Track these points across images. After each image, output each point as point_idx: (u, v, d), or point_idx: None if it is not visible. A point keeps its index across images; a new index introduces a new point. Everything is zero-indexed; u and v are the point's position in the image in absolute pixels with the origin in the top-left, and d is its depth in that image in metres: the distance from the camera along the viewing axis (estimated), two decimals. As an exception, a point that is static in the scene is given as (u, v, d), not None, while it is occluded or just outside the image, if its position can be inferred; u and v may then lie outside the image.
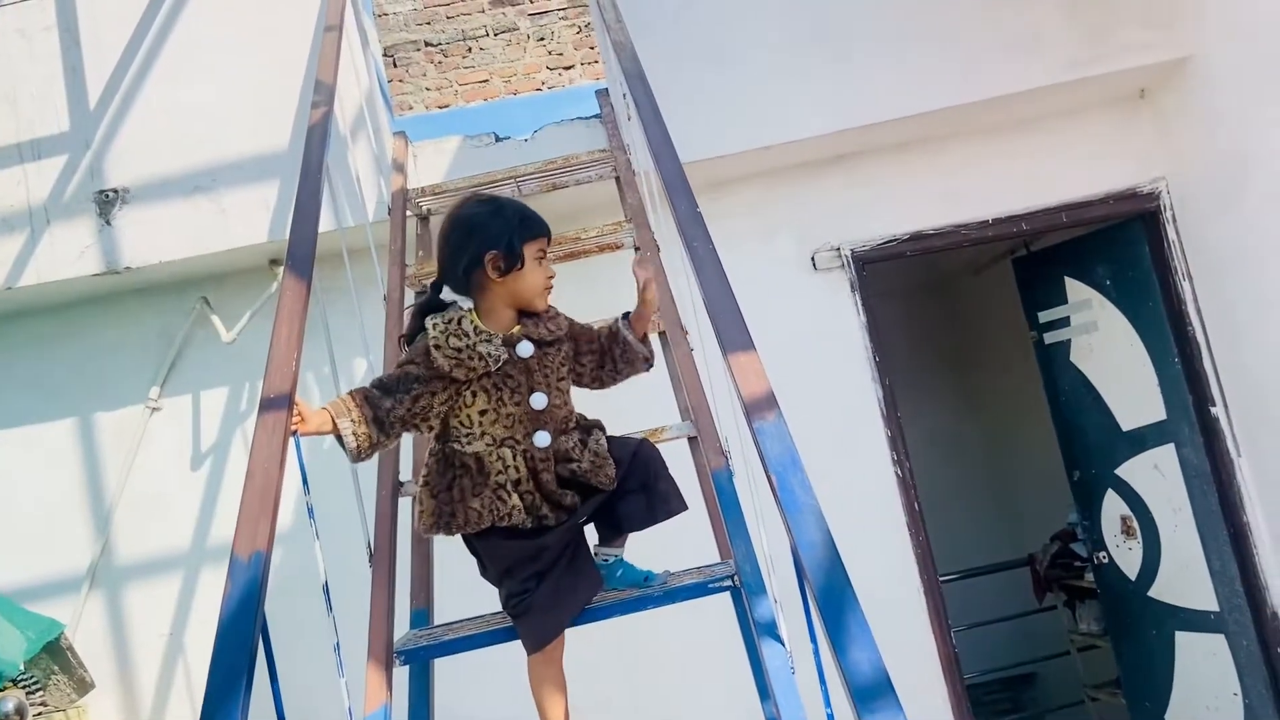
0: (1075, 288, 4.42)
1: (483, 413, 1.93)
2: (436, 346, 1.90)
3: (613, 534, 2.10)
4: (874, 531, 3.78)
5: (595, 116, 3.95)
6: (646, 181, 3.16)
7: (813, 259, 3.99)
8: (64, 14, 3.64)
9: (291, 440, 1.83)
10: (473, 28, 7.92)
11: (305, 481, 1.93)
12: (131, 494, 3.73)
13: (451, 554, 2.37)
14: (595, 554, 2.09)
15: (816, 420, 3.35)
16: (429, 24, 7.93)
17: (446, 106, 7.74)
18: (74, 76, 3.60)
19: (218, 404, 3.79)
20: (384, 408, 1.89)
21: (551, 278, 2.00)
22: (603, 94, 4.03)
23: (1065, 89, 3.75)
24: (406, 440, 2.63)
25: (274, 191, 3.55)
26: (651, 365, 2.17)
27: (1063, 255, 4.50)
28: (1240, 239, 3.69)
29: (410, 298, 3.13)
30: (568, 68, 8.24)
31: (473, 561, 2.02)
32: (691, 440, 2.58)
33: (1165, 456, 4.11)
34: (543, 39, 8.22)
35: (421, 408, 1.92)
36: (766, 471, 1.54)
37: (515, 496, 1.90)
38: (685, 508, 2.04)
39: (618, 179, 3.48)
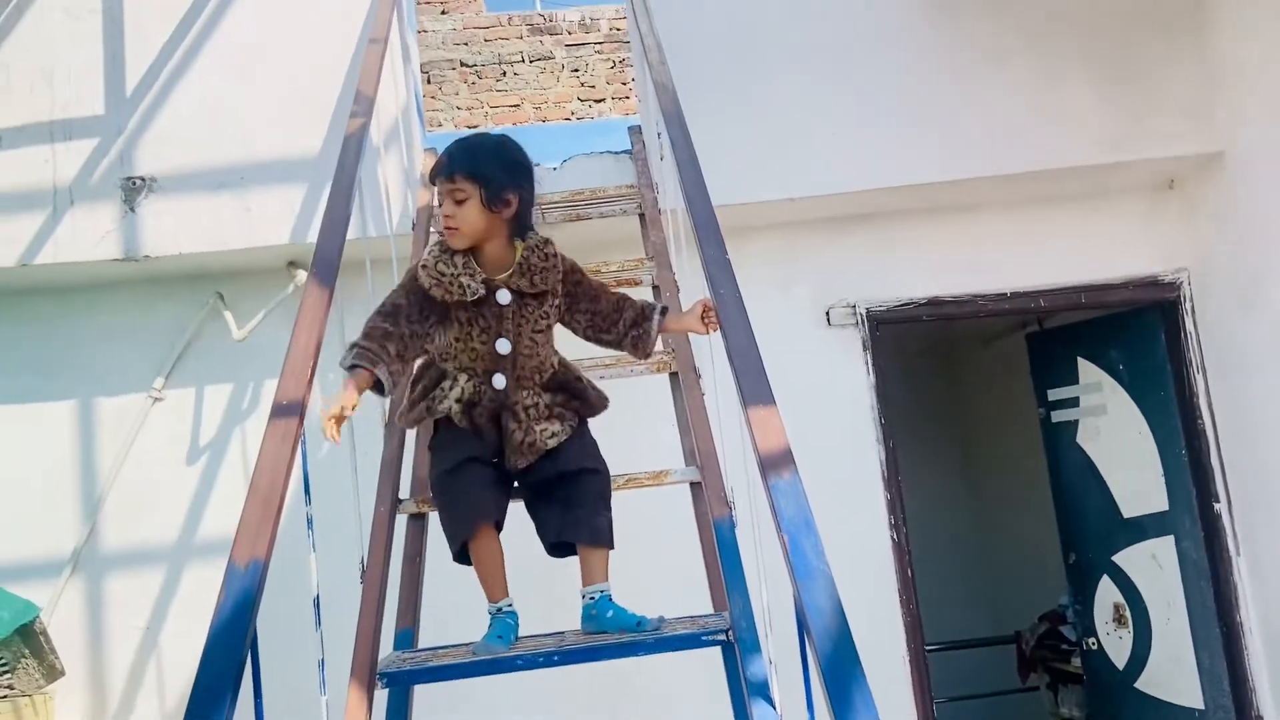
0: (1087, 369, 4.41)
1: (457, 339, 2.11)
2: (423, 266, 2.09)
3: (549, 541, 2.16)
4: (864, 594, 3.72)
5: (625, 152, 3.97)
6: (672, 221, 3.16)
7: (827, 314, 3.98)
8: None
9: (299, 448, 1.80)
10: (509, 52, 7.99)
11: (308, 491, 1.90)
12: (124, 482, 3.70)
13: (441, 577, 2.35)
14: (582, 595, 2.11)
15: (817, 475, 3.28)
16: (466, 44, 8.00)
17: (475, 127, 7.78)
18: (114, 62, 3.61)
19: (220, 400, 3.76)
20: (404, 334, 2.04)
21: (445, 218, 2.09)
22: (635, 130, 4.05)
23: (1095, 171, 3.77)
24: (408, 459, 2.61)
25: (299, 195, 3.55)
26: (647, 357, 2.30)
27: (1077, 335, 4.49)
28: (1258, 339, 3.69)
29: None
30: (598, 100, 8.30)
31: (462, 587, 1.99)
32: (695, 486, 2.55)
33: (1164, 548, 4.08)
34: (576, 70, 8.29)
35: (429, 326, 2.08)
36: (779, 530, 1.51)
37: (454, 402, 2.09)
38: (609, 546, 2.12)
39: (642, 215, 3.49)
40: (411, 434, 2.68)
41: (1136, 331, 4.17)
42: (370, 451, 2.57)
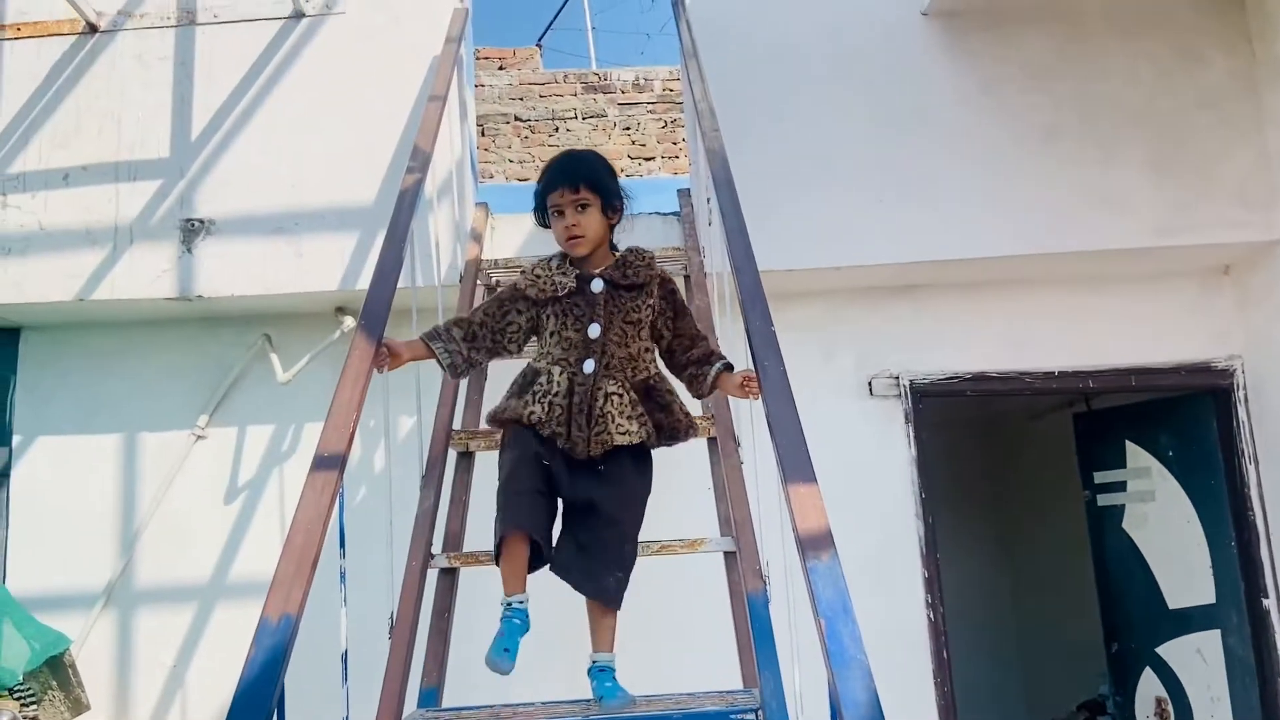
0: (1135, 453, 4.32)
1: (552, 334, 2.24)
2: (522, 273, 2.32)
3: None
4: (898, 674, 3.62)
5: (674, 214, 3.99)
6: (717, 285, 3.16)
7: (869, 384, 3.95)
8: (183, 47, 3.77)
9: (337, 500, 1.81)
10: (563, 109, 8.12)
11: (343, 545, 1.90)
12: (162, 518, 3.73)
13: (471, 629, 2.32)
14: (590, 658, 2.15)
15: (853, 548, 3.24)
16: (521, 100, 8.15)
17: (526, 180, 7.90)
18: (181, 107, 3.71)
19: (262, 441, 3.80)
20: (475, 320, 2.28)
21: (568, 227, 2.23)
22: (684, 193, 4.08)
23: (1147, 254, 3.72)
24: (442, 511, 2.61)
25: (351, 242, 3.61)
26: (699, 398, 2.39)
27: (1126, 417, 4.41)
28: (1314, 431, 3.60)
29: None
30: (648, 159, 8.40)
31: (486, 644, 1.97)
32: (728, 555, 2.52)
33: (1210, 642, 3.95)
34: (628, 128, 8.40)
35: (506, 322, 2.28)
36: (816, 614, 1.48)
37: (539, 406, 2.16)
38: (614, 608, 2.15)
39: (687, 278, 3.49)
40: (446, 488, 2.69)
41: (1187, 417, 4.08)
42: (407, 504, 2.57)
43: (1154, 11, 3.75)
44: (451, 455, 2.81)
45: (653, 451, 2.27)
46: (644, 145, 8.39)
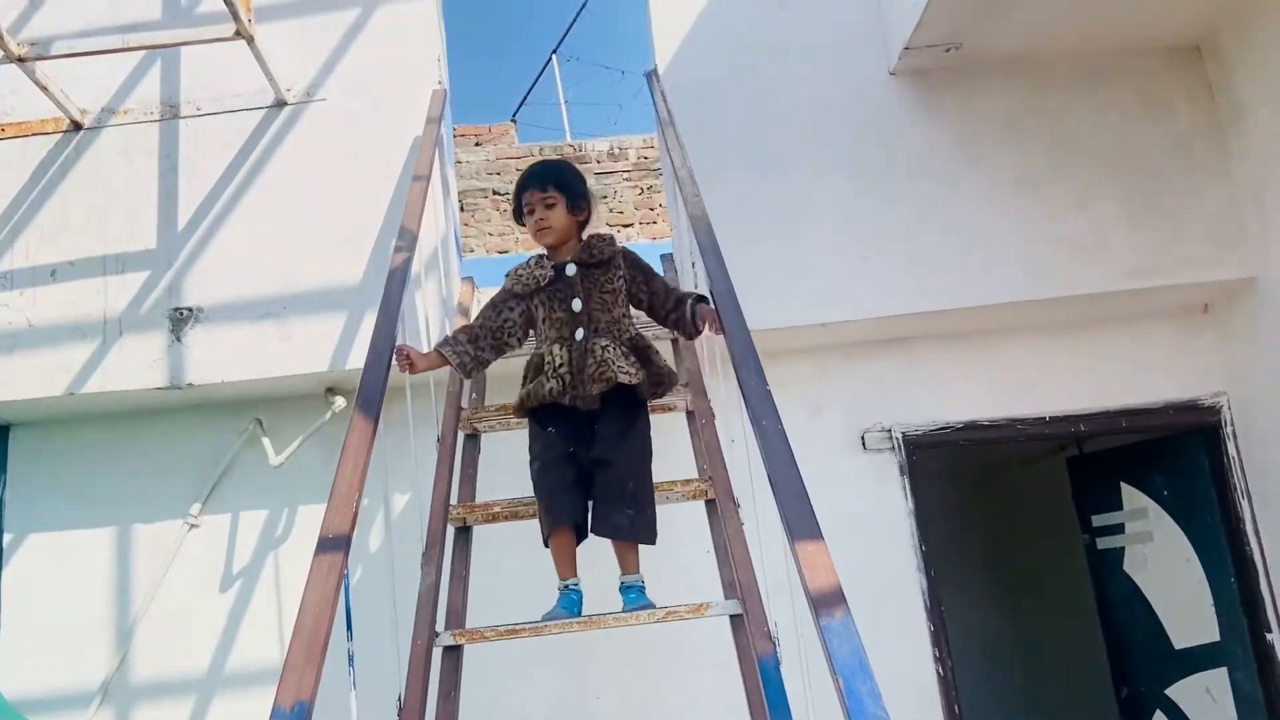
0: (1131, 494, 4.33)
1: (544, 320, 2.63)
2: (508, 275, 2.70)
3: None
4: (910, 733, 3.59)
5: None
6: (705, 347, 3.18)
7: (863, 438, 3.96)
8: (166, 140, 3.82)
9: (343, 582, 1.79)
10: (541, 181, 8.21)
11: (350, 626, 1.88)
12: (157, 610, 3.68)
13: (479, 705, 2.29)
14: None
15: (857, 606, 3.22)
16: (499, 174, 8.25)
17: (506, 252, 7.98)
18: (167, 198, 3.75)
19: (256, 527, 3.76)
20: (475, 325, 2.67)
21: (537, 220, 2.64)
22: (667, 258, 4.12)
23: (1127, 296, 3.78)
24: (444, 589, 2.58)
25: (339, 322, 3.62)
26: (693, 338, 2.86)
27: (1119, 459, 4.43)
28: (1304, 464, 3.62)
29: (461, 440, 3.13)
30: (626, 225, 8.49)
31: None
32: (735, 619, 2.50)
33: (1218, 680, 3.93)
34: (605, 197, 8.51)
35: (503, 320, 2.66)
36: (833, 673, 1.47)
37: (554, 380, 2.53)
38: (650, 540, 2.51)
39: (675, 342, 3.51)
40: (447, 565, 2.67)
41: (1179, 456, 4.11)
42: (405, 582, 2.55)
43: (1118, 63, 3.86)
44: (449, 531, 2.79)
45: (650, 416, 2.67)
46: (621, 213, 8.49)
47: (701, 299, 2.70)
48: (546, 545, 2.53)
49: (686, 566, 3.01)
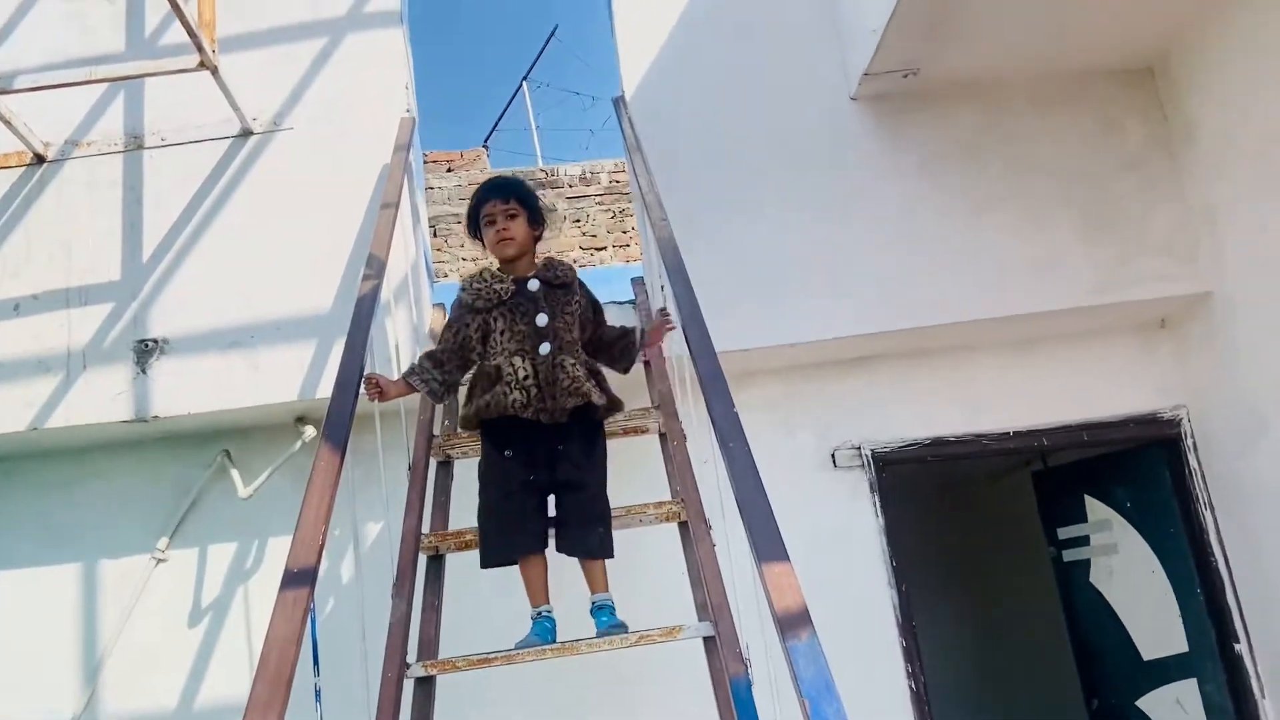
0: (1095, 507, 4.39)
1: (503, 332, 2.60)
2: (463, 289, 2.67)
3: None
4: (885, 750, 3.61)
5: (629, 302, 4.06)
6: (676, 368, 3.21)
7: (833, 456, 3.99)
8: (131, 171, 3.80)
9: (309, 616, 1.79)
10: (512, 205, 8.23)
11: (316, 662, 1.88)
12: (125, 646, 3.63)
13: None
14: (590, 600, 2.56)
15: (830, 623, 3.23)
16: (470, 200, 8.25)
17: (479, 276, 7.96)
18: (131, 230, 3.73)
19: (224, 560, 3.73)
20: (437, 350, 2.68)
21: (499, 231, 2.66)
22: (638, 281, 4.14)
23: (1086, 312, 3.84)
24: (415, 620, 2.57)
25: (309, 351, 3.61)
26: (627, 373, 2.89)
27: (1082, 473, 4.49)
28: (1263, 474, 3.68)
29: (434, 468, 3.13)
30: (600, 249, 8.53)
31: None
32: (708, 641, 2.51)
33: (1188, 691, 3.97)
34: (578, 220, 8.54)
35: (462, 338, 2.64)
36: (799, 695, 1.49)
37: (518, 392, 2.52)
38: (607, 556, 2.56)
39: (647, 364, 3.53)
40: (419, 595, 2.66)
41: (1141, 468, 4.17)
42: (378, 613, 2.54)
43: (1072, 85, 3.95)
44: (421, 560, 2.79)
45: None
46: (594, 236, 8.53)
47: (643, 331, 2.89)
48: (484, 568, 2.56)
49: (662, 588, 3.01)
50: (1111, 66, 3.95)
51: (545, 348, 2.58)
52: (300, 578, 1.80)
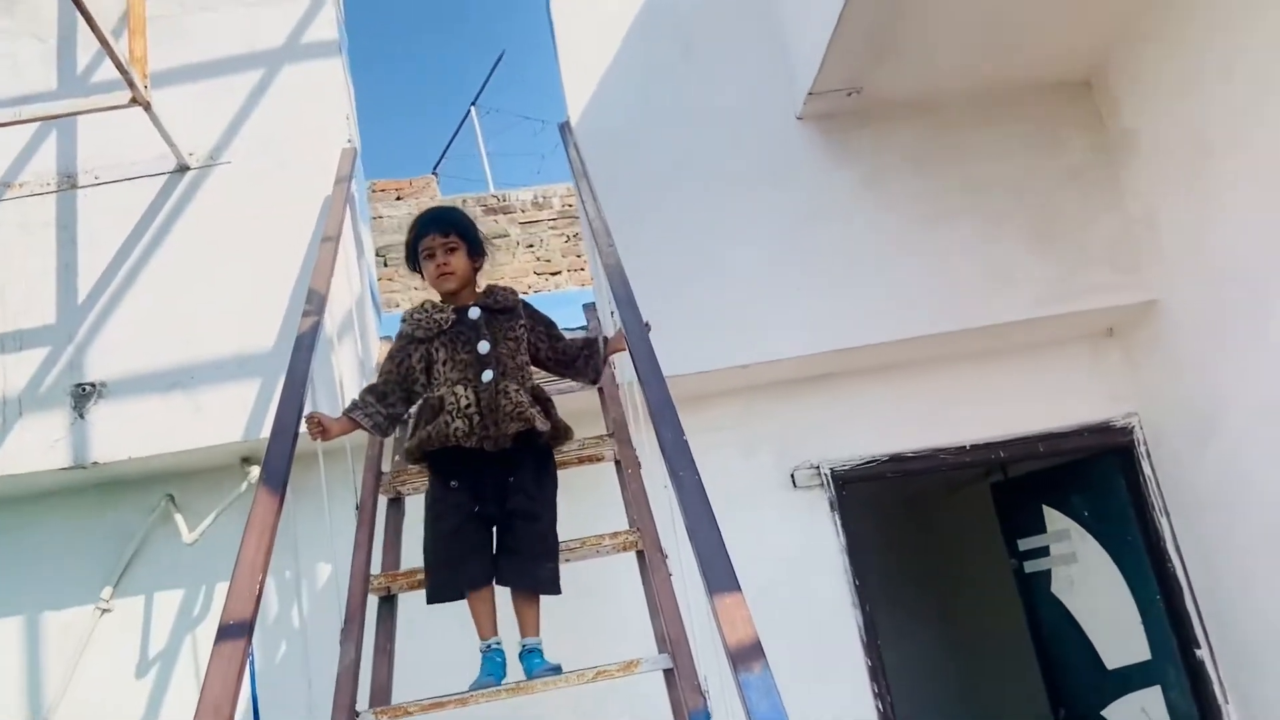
0: (1053, 517, 4.40)
1: (444, 362, 2.57)
2: (404, 320, 2.64)
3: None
4: (853, 774, 3.57)
5: (582, 328, 4.02)
6: (630, 395, 3.17)
7: (792, 476, 3.97)
8: (64, 211, 3.71)
9: (246, 670, 1.72)
10: (464, 233, 8.18)
11: (257, 716, 1.80)
12: (71, 703, 3.50)
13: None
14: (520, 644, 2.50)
15: (794, 646, 3.23)
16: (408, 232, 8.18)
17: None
18: (66, 271, 3.63)
19: (171, 608, 3.62)
20: (378, 383, 2.63)
21: (439, 265, 2.65)
22: (590, 307, 4.11)
23: (1036, 324, 3.87)
24: (365, 669, 2.50)
25: (253, 390, 3.53)
26: (598, 382, 2.93)
27: (1040, 483, 4.50)
28: (1215, 479, 3.71)
29: (384, 506, 3.06)
30: (554, 273, 8.49)
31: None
32: (667, 673, 2.46)
33: (1152, 699, 3.98)
34: (532, 245, 8.51)
35: (405, 369, 2.61)
36: (752, 731, 1.45)
37: (460, 420, 2.47)
38: (554, 592, 2.50)
39: (601, 391, 3.49)
40: (370, 638, 2.59)
41: (1097, 477, 4.19)
42: (330, 660, 2.46)
43: (1012, 99, 3.98)
44: (372, 601, 2.71)
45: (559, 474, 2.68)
46: (549, 261, 8.50)
47: (606, 339, 2.84)
48: (430, 603, 2.50)
49: (624, 619, 2.96)
50: (1050, 80, 3.99)
51: (487, 375, 2.55)
52: (236, 630, 1.73)
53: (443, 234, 2.65)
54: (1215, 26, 3.32)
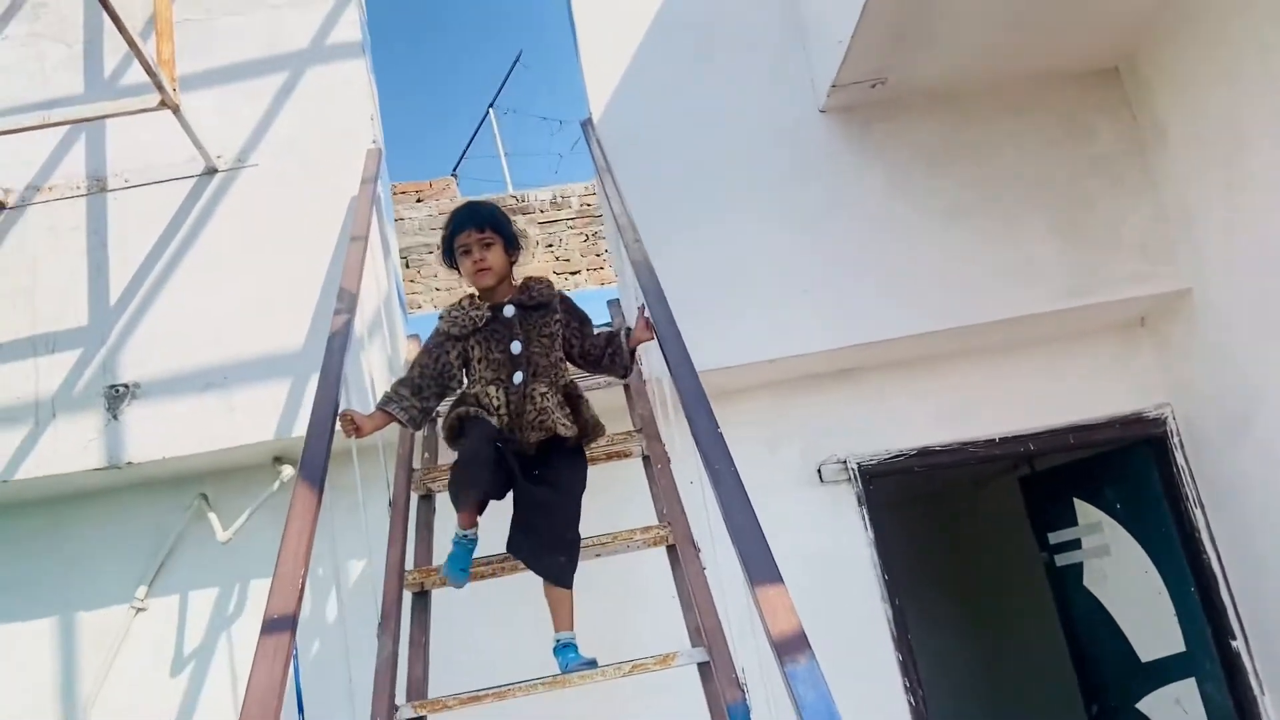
0: (1085, 509, 4.37)
1: (480, 360, 2.59)
2: (441, 317, 2.65)
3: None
4: (886, 768, 3.56)
5: (606, 324, 4.02)
6: (657, 390, 3.17)
7: (819, 471, 3.96)
8: (94, 214, 3.75)
9: (291, 663, 1.73)
10: (484, 233, 8.21)
11: (301, 709, 1.81)
12: (106, 701, 3.53)
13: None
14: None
15: (824, 641, 3.18)
16: (442, 229, 8.22)
17: (454, 306, 7.91)
18: (97, 274, 3.67)
19: (206, 606, 3.64)
20: (413, 375, 2.60)
21: (476, 261, 2.62)
22: (614, 304, 4.11)
23: (1064, 315, 3.83)
24: (402, 668, 2.51)
25: (284, 389, 3.55)
26: (628, 376, 2.89)
27: (1070, 475, 4.46)
28: (1251, 470, 3.67)
29: (415, 502, 3.07)
30: (574, 272, 8.51)
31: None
32: (703, 667, 2.46)
33: (1187, 691, 3.94)
34: (551, 245, 8.52)
35: (442, 364, 2.61)
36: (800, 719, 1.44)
37: (493, 418, 2.50)
38: (565, 585, 2.48)
39: (627, 387, 3.49)
40: (405, 633, 2.60)
41: (1129, 469, 4.15)
42: (365, 653, 2.47)
43: (1038, 89, 3.95)
44: (406, 597, 2.72)
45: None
46: (568, 260, 8.51)
47: (629, 331, 2.80)
48: (455, 503, 2.53)
49: (658, 613, 2.96)
50: (1077, 68, 3.96)
51: (518, 376, 2.56)
52: (280, 624, 1.74)
53: (479, 229, 2.64)
54: (1251, 10, 3.28)
